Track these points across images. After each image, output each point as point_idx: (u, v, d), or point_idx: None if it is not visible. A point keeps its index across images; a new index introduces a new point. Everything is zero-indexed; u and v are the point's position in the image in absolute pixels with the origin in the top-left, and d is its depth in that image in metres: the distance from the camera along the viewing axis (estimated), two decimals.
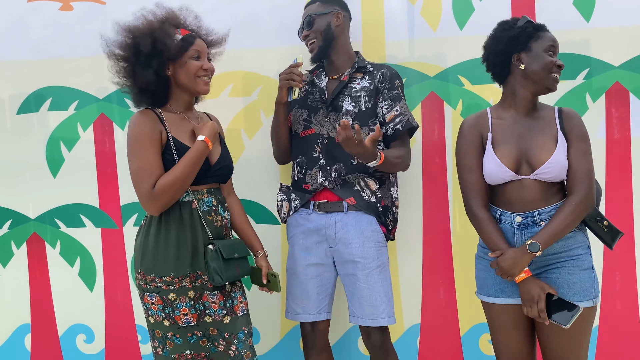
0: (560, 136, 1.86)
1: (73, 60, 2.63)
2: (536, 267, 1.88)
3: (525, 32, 1.87)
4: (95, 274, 2.70)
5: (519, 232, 1.87)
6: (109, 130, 2.65)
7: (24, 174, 2.69)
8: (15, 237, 2.72)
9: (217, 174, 2.01)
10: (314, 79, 2.31)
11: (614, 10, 2.44)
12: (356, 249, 2.16)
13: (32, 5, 2.63)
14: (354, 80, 2.25)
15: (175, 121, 1.97)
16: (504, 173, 1.87)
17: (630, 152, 2.48)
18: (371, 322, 2.14)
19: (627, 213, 2.51)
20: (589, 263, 1.86)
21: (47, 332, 2.74)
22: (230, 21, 2.53)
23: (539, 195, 1.86)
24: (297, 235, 2.26)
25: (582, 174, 1.82)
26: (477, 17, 2.49)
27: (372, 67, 2.27)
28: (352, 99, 2.22)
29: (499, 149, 1.90)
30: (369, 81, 2.24)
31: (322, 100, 2.26)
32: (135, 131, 1.88)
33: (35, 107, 2.66)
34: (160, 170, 1.86)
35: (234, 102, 2.60)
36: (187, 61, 1.93)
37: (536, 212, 1.85)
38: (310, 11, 2.26)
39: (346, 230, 2.17)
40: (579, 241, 1.87)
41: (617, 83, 2.47)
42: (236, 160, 2.60)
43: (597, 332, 2.54)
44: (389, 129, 2.20)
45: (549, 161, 1.83)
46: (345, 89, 2.23)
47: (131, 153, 1.88)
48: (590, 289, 1.83)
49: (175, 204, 1.92)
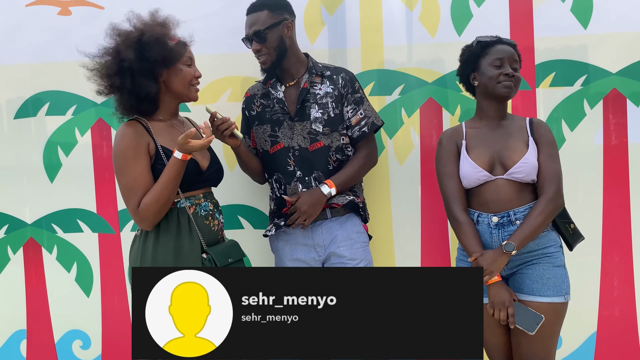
0: (531, 141, 2.02)
1: (71, 64, 2.62)
2: (513, 265, 2.01)
3: (473, 54, 2.09)
4: (92, 279, 2.68)
5: (496, 231, 1.99)
6: (107, 135, 2.64)
7: (21, 178, 2.68)
8: (11, 242, 2.70)
9: (210, 177, 2.02)
10: (269, 90, 2.25)
11: (611, 17, 2.46)
12: (345, 251, 2.21)
13: (31, 9, 2.63)
14: (314, 85, 2.23)
15: (163, 129, 1.95)
16: (478, 173, 2.01)
17: (628, 158, 2.49)
18: None
19: (625, 219, 2.51)
20: (561, 261, 2.00)
21: (43, 338, 2.73)
22: (229, 25, 2.53)
23: (513, 194, 1.98)
24: (283, 249, 2.29)
25: (550, 175, 1.97)
26: (475, 23, 2.50)
27: (329, 71, 2.26)
28: (319, 105, 2.21)
29: (473, 152, 2.05)
30: (331, 87, 2.23)
31: (283, 111, 2.23)
32: (121, 146, 1.87)
33: (32, 112, 2.65)
34: (147, 186, 1.85)
35: (232, 106, 2.59)
36: (182, 68, 1.92)
37: (511, 212, 1.98)
38: (260, 23, 2.14)
39: (333, 236, 2.22)
40: (552, 240, 2.01)
41: (615, 89, 2.48)
42: (234, 166, 2.59)
43: (595, 338, 2.54)
44: (355, 132, 2.26)
45: (521, 161, 1.97)
46: (309, 95, 2.22)
47: (118, 170, 1.88)
48: (562, 285, 1.97)
49: (172, 210, 1.91)
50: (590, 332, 2.55)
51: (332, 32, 2.53)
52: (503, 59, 2.02)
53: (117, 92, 1.90)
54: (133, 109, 1.92)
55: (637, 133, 2.48)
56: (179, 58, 1.91)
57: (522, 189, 1.99)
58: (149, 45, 1.83)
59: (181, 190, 1.92)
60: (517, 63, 2.06)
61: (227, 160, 2.56)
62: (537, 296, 1.94)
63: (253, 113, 2.28)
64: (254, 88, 2.33)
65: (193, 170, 1.94)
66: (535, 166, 1.97)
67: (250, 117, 2.28)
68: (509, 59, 2.03)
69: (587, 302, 2.52)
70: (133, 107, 1.92)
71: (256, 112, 2.28)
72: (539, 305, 1.93)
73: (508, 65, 2.02)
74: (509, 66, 2.02)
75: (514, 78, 2.01)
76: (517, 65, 2.06)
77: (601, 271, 2.53)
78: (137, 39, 1.84)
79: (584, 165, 2.49)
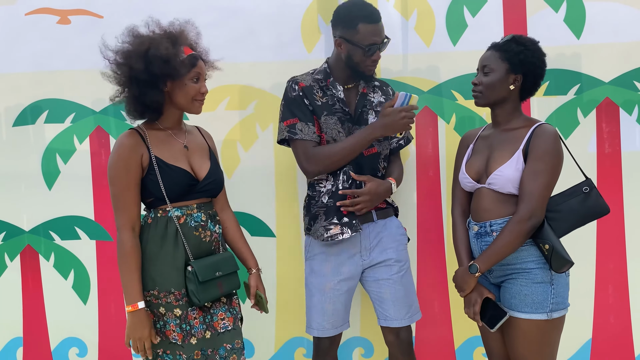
0: (518, 153, 1.90)
1: (70, 72, 2.64)
2: (497, 275, 1.99)
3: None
4: (89, 286, 2.69)
5: (476, 241, 2.00)
6: (105, 142, 2.65)
7: (19, 185, 2.69)
8: (8, 249, 2.70)
9: (205, 189, 1.98)
10: (329, 87, 2.22)
11: (603, 28, 2.49)
12: (392, 254, 2.22)
13: (30, 18, 2.65)
14: (369, 92, 2.27)
15: (160, 139, 1.95)
16: (465, 179, 2.03)
17: (621, 166, 2.51)
18: (406, 322, 2.22)
19: (619, 226, 2.53)
20: (543, 277, 1.89)
21: (39, 346, 2.72)
22: (228, 35, 2.56)
23: (492, 204, 1.94)
24: (327, 253, 2.22)
25: (526, 193, 1.85)
26: (470, 33, 2.53)
27: (377, 82, 2.31)
28: (376, 113, 2.24)
29: (471, 159, 2.05)
30: (383, 96, 2.28)
31: (344, 111, 2.22)
32: (114, 157, 1.90)
33: (31, 120, 2.67)
34: (131, 203, 1.89)
35: (230, 115, 2.62)
36: (187, 83, 1.90)
37: (488, 223, 1.95)
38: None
39: (380, 237, 2.23)
40: (533, 255, 1.91)
41: (608, 98, 2.51)
42: (232, 173, 2.61)
43: (590, 345, 2.55)
44: (394, 144, 2.30)
45: (495, 172, 1.92)
46: (366, 101, 2.25)
47: (109, 179, 1.92)
48: (544, 303, 1.87)
49: (161, 219, 1.91)
50: (585, 339, 2.57)
51: (329, 42, 2.55)
52: (480, 67, 1.99)
53: (127, 96, 1.92)
54: (138, 114, 1.94)
55: (630, 141, 2.51)
56: (182, 75, 1.88)
57: (503, 200, 1.92)
58: (154, 59, 1.83)
59: (170, 200, 1.91)
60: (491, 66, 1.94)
61: (224, 167, 2.58)
62: (515, 312, 1.90)
63: (318, 103, 2.19)
64: (306, 80, 2.23)
65: (186, 181, 1.93)
66: (511, 179, 1.89)
67: (316, 107, 2.19)
68: (482, 66, 1.98)
69: (582, 309, 2.53)
70: (139, 112, 1.93)
71: (321, 102, 2.20)
72: (519, 321, 1.89)
73: (480, 72, 1.98)
74: (480, 73, 1.98)
75: (477, 87, 1.97)
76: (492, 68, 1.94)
77: (596, 278, 2.55)
78: (145, 51, 1.84)
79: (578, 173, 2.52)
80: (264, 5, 2.59)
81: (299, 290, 2.51)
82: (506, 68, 1.94)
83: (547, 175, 1.87)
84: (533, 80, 1.98)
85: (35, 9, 2.64)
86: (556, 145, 1.90)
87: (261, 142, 2.61)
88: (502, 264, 1.93)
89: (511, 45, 1.94)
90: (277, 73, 2.55)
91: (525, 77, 1.96)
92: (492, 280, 2.02)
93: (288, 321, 2.65)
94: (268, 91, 2.60)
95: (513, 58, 1.93)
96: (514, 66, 1.93)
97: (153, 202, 1.93)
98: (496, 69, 1.94)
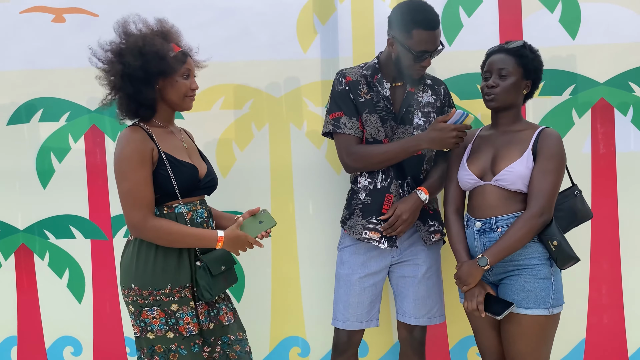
0: (528, 152, 1.96)
1: (65, 71, 2.64)
2: (497, 272, 2.01)
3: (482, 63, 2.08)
4: (84, 285, 2.68)
5: (479, 237, 2.01)
6: (100, 141, 2.65)
7: (14, 184, 2.68)
8: (3, 248, 2.70)
9: (206, 186, 2.04)
10: (376, 84, 2.20)
11: (599, 28, 2.49)
12: (422, 255, 2.23)
13: (25, 16, 2.64)
14: (418, 92, 2.23)
15: (162, 135, 1.97)
16: (468, 176, 2.03)
17: (616, 167, 2.52)
18: (423, 322, 2.23)
19: (613, 227, 2.54)
20: (545, 273, 1.95)
21: (34, 344, 2.72)
22: (223, 34, 2.56)
23: (498, 201, 1.97)
24: (358, 246, 2.24)
25: (537, 191, 1.91)
26: (465, 34, 2.53)
27: (430, 80, 2.28)
28: (422, 113, 2.22)
29: (472, 157, 2.07)
30: (433, 96, 2.25)
31: (388, 110, 2.20)
32: (127, 150, 1.86)
33: (26, 118, 2.66)
34: (150, 196, 1.87)
35: (225, 114, 2.61)
36: (178, 80, 1.93)
37: (493, 219, 1.97)
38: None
39: (414, 239, 2.24)
40: (536, 252, 1.96)
41: (603, 99, 2.51)
42: (227, 172, 2.61)
43: (584, 344, 2.56)
44: None
45: (506, 168, 1.95)
46: (413, 101, 2.22)
47: (121, 173, 1.87)
48: (546, 298, 1.93)
49: (170, 215, 1.93)
50: (579, 338, 2.58)
51: (325, 42, 2.55)
52: (491, 71, 2.01)
53: (119, 94, 1.92)
54: (132, 113, 1.94)
55: (624, 142, 2.52)
56: (175, 71, 1.91)
57: (508, 197, 1.97)
58: (147, 56, 1.85)
59: (181, 196, 1.93)
60: (509, 69, 1.98)
61: (219, 166, 2.58)
62: (517, 307, 1.93)
63: (361, 100, 2.18)
64: (354, 74, 2.22)
65: (195, 177, 1.97)
66: (522, 176, 1.93)
67: (359, 103, 2.18)
68: (497, 69, 1.99)
69: (576, 309, 2.54)
70: (132, 111, 1.93)
71: (365, 99, 2.19)
72: (520, 317, 1.93)
73: (496, 75, 2.00)
74: (496, 76, 2.00)
75: (494, 89, 1.99)
76: (510, 72, 1.98)
77: (590, 278, 2.55)
78: (138, 48, 1.85)
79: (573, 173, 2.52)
80: (259, 4, 2.58)
81: (294, 289, 2.53)
82: (521, 73, 2.00)
83: (556, 174, 1.93)
84: (537, 86, 2.08)
85: (30, 7, 2.63)
86: (562, 148, 1.97)
87: (257, 141, 2.61)
88: (504, 260, 1.95)
89: (526, 52, 2.00)
90: (273, 72, 2.55)
91: (533, 84, 2.05)
92: (490, 278, 2.04)
93: (283, 320, 2.66)
94: (263, 90, 2.59)
95: (528, 64, 2.00)
96: (528, 72, 2.01)
97: (159, 198, 1.93)
98: (513, 73, 1.99)
